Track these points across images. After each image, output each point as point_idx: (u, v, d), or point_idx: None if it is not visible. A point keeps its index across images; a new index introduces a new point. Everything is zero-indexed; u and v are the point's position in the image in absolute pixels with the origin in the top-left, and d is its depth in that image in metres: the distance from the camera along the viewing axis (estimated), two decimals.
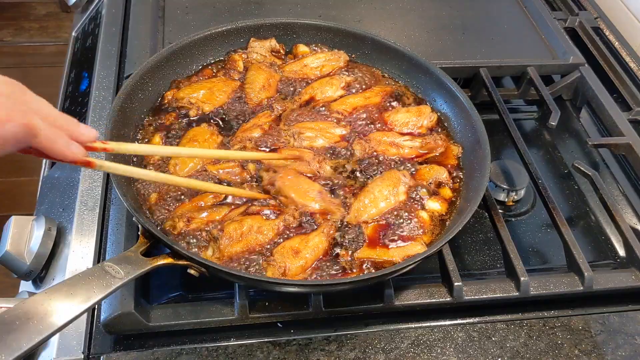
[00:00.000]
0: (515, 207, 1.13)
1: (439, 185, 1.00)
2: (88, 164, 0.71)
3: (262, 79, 1.13)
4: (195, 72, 1.14)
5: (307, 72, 1.17)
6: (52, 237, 0.97)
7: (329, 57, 1.18)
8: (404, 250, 0.90)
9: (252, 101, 1.10)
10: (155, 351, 0.86)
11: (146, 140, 1.01)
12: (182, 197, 0.93)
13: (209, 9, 1.37)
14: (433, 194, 0.98)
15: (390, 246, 0.91)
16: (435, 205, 0.97)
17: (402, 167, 1.02)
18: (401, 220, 0.94)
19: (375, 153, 1.03)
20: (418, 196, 0.97)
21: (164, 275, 0.94)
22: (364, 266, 0.88)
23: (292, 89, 1.14)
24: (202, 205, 0.92)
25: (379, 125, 1.09)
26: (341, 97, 1.13)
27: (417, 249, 0.90)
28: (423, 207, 0.96)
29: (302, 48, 1.20)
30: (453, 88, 1.09)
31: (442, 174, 1.01)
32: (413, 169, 1.02)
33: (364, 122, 1.09)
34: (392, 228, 0.93)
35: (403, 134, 1.07)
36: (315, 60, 1.18)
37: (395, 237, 0.92)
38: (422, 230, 0.93)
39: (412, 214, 0.95)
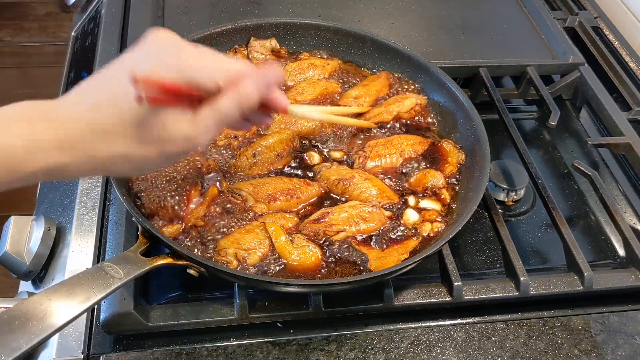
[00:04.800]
0: (515, 207, 1.13)
1: (434, 192, 0.98)
2: (285, 111, 0.76)
3: None
4: None
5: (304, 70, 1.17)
6: (52, 237, 0.97)
7: (323, 63, 1.18)
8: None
9: None
10: (155, 351, 0.85)
11: None
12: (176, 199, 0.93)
13: (208, 8, 1.37)
14: (429, 196, 0.99)
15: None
16: (429, 204, 0.97)
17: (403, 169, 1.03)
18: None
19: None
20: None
21: (164, 275, 0.94)
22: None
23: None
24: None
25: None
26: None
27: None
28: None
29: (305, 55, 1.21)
30: (453, 88, 1.09)
31: (438, 179, 0.99)
32: (409, 176, 1.02)
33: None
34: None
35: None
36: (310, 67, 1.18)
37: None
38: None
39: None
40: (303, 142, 1.05)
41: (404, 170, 1.02)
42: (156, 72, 0.63)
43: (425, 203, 0.97)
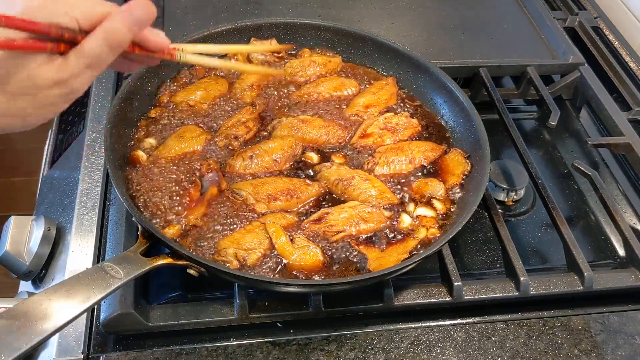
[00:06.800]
0: (515, 207, 1.13)
1: (430, 200, 0.98)
2: (172, 55, 0.74)
3: (254, 78, 1.13)
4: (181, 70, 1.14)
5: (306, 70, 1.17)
6: (52, 237, 0.97)
7: (325, 60, 1.18)
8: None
9: (236, 97, 1.11)
10: (155, 351, 0.86)
11: (137, 137, 1.02)
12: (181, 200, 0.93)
13: (208, 8, 1.37)
14: (425, 204, 0.98)
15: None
16: (425, 212, 0.96)
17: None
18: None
19: None
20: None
21: (164, 275, 0.94)
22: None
23: (283, 91, 1.14)
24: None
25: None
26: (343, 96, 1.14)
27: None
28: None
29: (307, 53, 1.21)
30: (453, 88, 1.09)
31: (438, 190, 0.98)
32: (411, 182, 1.01)
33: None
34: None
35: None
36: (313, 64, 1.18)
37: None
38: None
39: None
40: (305, 151, 1.04)
41: (411, 178, 1.02)
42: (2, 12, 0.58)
43: (421, 210, 0.96)
